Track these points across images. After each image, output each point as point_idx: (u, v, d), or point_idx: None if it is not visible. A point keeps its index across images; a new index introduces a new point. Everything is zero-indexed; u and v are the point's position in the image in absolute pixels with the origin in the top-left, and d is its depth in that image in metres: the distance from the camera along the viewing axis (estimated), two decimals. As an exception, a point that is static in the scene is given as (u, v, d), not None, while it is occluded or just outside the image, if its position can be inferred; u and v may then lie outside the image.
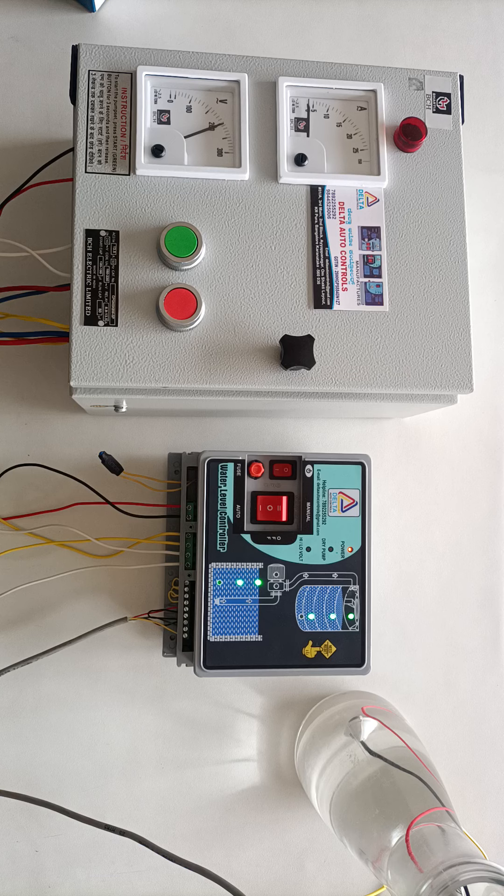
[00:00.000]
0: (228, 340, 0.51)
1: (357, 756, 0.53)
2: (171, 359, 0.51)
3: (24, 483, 0.61)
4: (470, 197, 0.56)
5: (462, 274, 0.54)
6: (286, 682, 0.62)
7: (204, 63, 0.54)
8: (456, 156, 0.55)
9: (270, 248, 0.53)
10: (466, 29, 0.71)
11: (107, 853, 0.59)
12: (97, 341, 0.50)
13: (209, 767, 0.61)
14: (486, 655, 0.65)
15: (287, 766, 0.62)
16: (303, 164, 0.54)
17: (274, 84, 0.54)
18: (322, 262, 0.53)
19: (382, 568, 0.64)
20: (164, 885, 0.59)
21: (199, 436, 0.63)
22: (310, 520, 0.55)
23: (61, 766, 0.60)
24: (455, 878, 0.41)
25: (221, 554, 0.54)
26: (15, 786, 0.56)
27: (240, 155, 0.53)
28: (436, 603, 0.65)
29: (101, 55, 0.53)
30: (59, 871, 0.59)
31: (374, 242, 0.54)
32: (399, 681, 0.64)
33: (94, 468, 0.59)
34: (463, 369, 0.53)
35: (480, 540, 0.66)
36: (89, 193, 0.51)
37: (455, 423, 0.66)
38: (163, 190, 0.52)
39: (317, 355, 0.51)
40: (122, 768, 0.60)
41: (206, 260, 0.52)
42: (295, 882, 0.61)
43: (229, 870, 0.60)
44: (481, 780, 0.64)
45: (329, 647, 0.55)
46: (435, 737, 0.63)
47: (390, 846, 0.46)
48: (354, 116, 0.55)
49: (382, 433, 0.66)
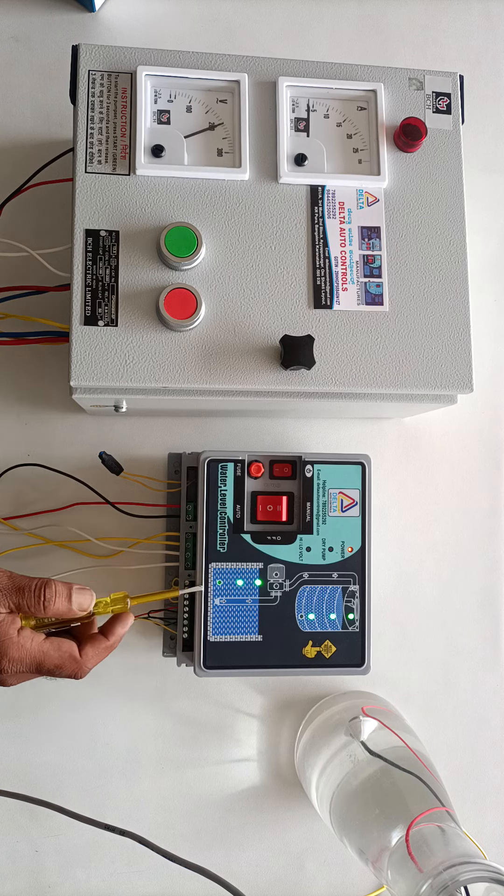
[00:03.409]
0: (228, 340, 0.51)
1: (357, 756, 0.53)
2: (171, 359, 0.51)
3: (24, 483, 0.61)
4: (470, 197, 0.56)
5: (462, 274, 0.54)
6: (286, 682, 0.62)
7: (204, 63, 0.54)
8: (456, 156, 0.55)
9: (270, 248, 0.53)
10: (466, 29, 0.71)
11: (107, 853, 0.59)
12: (97, 341, 0.50)
13: (209, 767, 0.61)
14: (486, 655, 0.65)
15: (287, 766, 0.62)
16: (303, 164, 0.54)
17: (274, 84, 0.54)
18: (322, 262, 0.53)
19: (382, 568, 0.64)
20: (164, 885, 0.59)
21: (199, 436, 0.63)
22: (310, 520, 0.55)
23: (61, 766, 0.60)
24: (455, 878, 0.41)
25: (221, 554, 0.54)
26: (15, 786, 0.56)
27: (240, 155, 0.53)
28: (436, 603, 0.65)
29: (101, 55, 0.53)
30: (59, 871, 0.59)
31: (374, 242, 0.54)
32: (399, 681, 0.64)
33: (94, 468, 0.59)
34: (463, 369, 0.53)
35: (480, 540, 0.66)
36: (89, 193, 0.51)
37: (455, 423, 0.66)
38: (163, 190, 0.52)
39: (317, 355, 0.51)
40: (122, 768, 0.60)
41: (206, 260, 0.52)
42: (295, 882, 0.61)
43: (229, 870, 0.60)
44: (481, 780, 0.64)
45: (329, 647, 0.55)
46: (435, 737, 0.63)
47: (390, 846, 0.46)
48: (354, 116, 0.55)
49: (382, 433, 0.66)
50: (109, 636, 0.49)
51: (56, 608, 0.46)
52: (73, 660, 0.47)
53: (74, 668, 0.47)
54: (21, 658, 0.45)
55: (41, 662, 0.46)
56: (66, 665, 0.46)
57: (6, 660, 0.45)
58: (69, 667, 0.47)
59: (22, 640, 0.45)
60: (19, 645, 0.45)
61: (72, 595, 0.47)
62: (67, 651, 0.47)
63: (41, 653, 0.45)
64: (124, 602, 0.50)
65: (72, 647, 0.47)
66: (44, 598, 0.46)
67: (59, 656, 0.46)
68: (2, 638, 0.44)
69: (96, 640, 0.48)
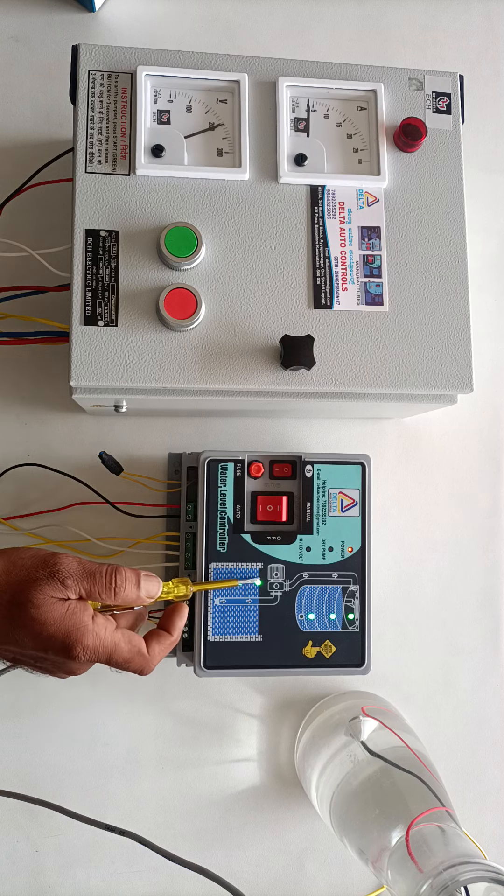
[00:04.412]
0: (228, 340, 0.51)
1: (357, 756, 0.53)
2: (171, 359, 0.51)
3: (24, 483, 0.61)
4: (470, 197, 0.56)
5: (462, 274, 0.54)
6: (286, 682, 0.62)
7: (204, 63, 0.54)
8: (456, 156, 0.55)
9: (270, 248, 0.53)
10: (466, 29, 0.71)
11: (107, 853, 0.59)
12: (97, 341, 0.50)
13: (209, 767, 0.61)
14: (486, 655, 0.65)
15: (287, 766, 0.62)
16: (303, 164, 0.54)
17: (274, 84, 0.54)
18: (322, 262, 0.53)
19: (382, 568, 0.64)
20: (164, 885, 0.59)
21: (199, 436, 0.63)
22: (310, 520, 0.55)
23: (61, 766, 0.60)
24: (455, 878, 0.41)
25: (221, 554, 0.54)
26: (15, 786, 0.56)
27: (240, 155, 0.53)
28: (436, 603, 0.65)
29: (101, 55, 0.53)
30: (59, 871, 0.59)
31: (374, 242, 0.54)
32: (399, 681, 0.64)
33: (94, 468, 0.59)
34: (463, 369, 0.53)
35: (480, 540, 0.66)
36: (89, 193, 0.51)
37: (455, 423, 0.66)
38: (163, 190, 0.52)
39: (317, 355, 0.51)
40: (122, 768, 0.60)
41: (206, 260, 0.52)
42: (295, 882, 0.61)
43: (229, 870, 0.60)
44: (481, 780, 0.64)
45: (329, 647, 0.55)
46: (435, 737, 0.63)
47: (390, 846, 0.46)
48: (354, 116, 0.55)
49: (382, 433, 0.66)
50: (172, 630, 0.48)
51: (126, 595, 0.45)
52: (141, 655, 0.46)
53: (142, 663, 0.46)
54: (95, 647, 0.44)
55: (112, 654, 0.45)
56: (134, 660, 0.46)
57: (79, 647, 0.43)
58: (137, 662, 0.46)
59: (97, 628, 0.44)
60: (94, 633, 0.44)
61: (141, 582, 0.46)
62: (137, 646, 0.46)
63: (113, 644, 0.45)
64: (186, 589, 0.50)
65: (141, 642, 0.46)
66: (115, 585, 0.45)
67: (129, 650, 0.45)
68: (77, 625, 0.43)
69: (161, 637, 0.48)
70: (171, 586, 0.49)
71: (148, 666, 0.47)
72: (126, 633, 0.46)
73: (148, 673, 0.47)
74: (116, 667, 0.46)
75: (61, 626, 0.43)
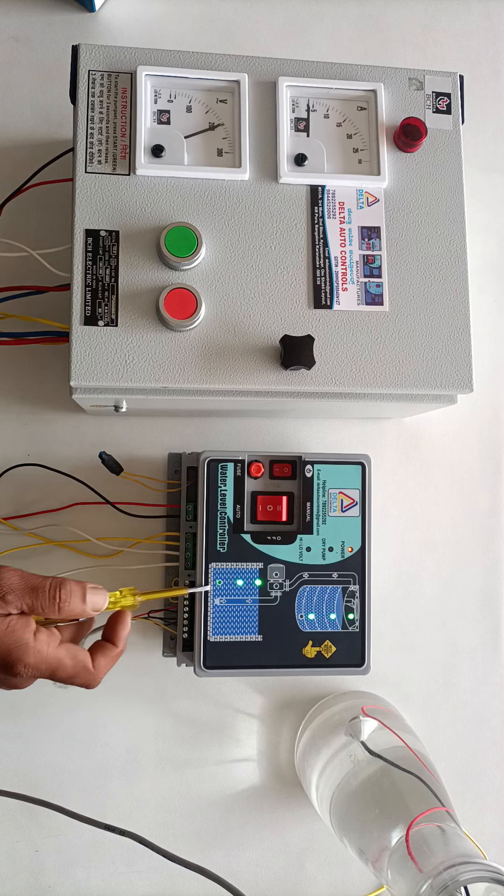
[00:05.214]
0: (228, 340, 0.51)
1: (357, 756, 0.53)
2: (171, 359, 0.51)
3: (24, 483, 0.61)
4: (470, 197, 0.56)
5: (462, 274, 0.54)
6: (286, 682, 0.62)
7: (204, 63, 0.54)
8: (456, 156, 0.55)
9: (270, 248, 0.53)
10: (466, 29, 0.71)
11: (107, 853, 0.59)
12: (97, 341, 0.50)
13: (209, 767, 0.61)
14: (486, 655, 0.65)
15: (287, 766, 0.62)
16: (303, 164, 0.54)
17: (274, 84, 0.54)
18: (322, 262, 0.53)
19: (382, 568, 0.64)
20: (164, 885, 0.59)
21: (199, 436, 0.63)
22: (310, 520, 0.55)
23: (61, 766, 0.60)
24: (455, 878, 0.41)
25: (221, 554, 0.54)
26: (15, 786, 0.56)
27: (240, 155, 0.53)
28: (436, 603, 0.65)
29: (101, 55, 0.53)
30: (59, 871, 0.59)
31: (374, 242, 0.54)
32: (399, 681, 0.64)
33: (94, 468, 0.59)
34: (463, 369, 0.53)
35: (480, 540, 0.66)
36: (89, 193, 0.51)
37: (455, 423, 0.66)
38: (163, 190, 0.52)
39: (317, 355, 0.51)
40: (122, 768, 0.60)
41: (206, 260, 0.52)
42: (295, 882, 0.61)
43: (229, 870, 0.60)
44: (481, 780, 0.64)
45: (329, 647, 0.55)
46: (435, 737, 0.63)
47: (390, 846, 0.46)
48: (354, 116, 0.55)
49: (382, 433, 0.66)
50: (117, 642, 0.47)
51: (71, 609, 0.44)
52: (86, 670, 0.45)
53: (87, 678, 0.46)
54: (37, 664, 0.43)
55: (56, 670, 0.44)
56: (79, 675, 0.45)
57: (21, 665, 0.43)
58: (82, 677, 0.45)
59: (38, 644, 0.43)
60: (36, 650, 0.43)
61: (86, 595, 0.45)
62: (82, 661, 0.45)
63: (57, 660, 0.44)
64: (134, 599, 0.49)
65: (86, 656, 0.46)
66: (59, 600, 0.44)
67: (73, 665, 0.45)
68: (18, 643, 0.43)
69: (106, 649, 0.47)
70: (119, 597, 0.48)
71: (94, 680, 0.46)
72: (70, 648, 0.45)
73: (94, 687, 0.46)
74: (61, 682, 0.45)
75: (1, 643, 0.42)
